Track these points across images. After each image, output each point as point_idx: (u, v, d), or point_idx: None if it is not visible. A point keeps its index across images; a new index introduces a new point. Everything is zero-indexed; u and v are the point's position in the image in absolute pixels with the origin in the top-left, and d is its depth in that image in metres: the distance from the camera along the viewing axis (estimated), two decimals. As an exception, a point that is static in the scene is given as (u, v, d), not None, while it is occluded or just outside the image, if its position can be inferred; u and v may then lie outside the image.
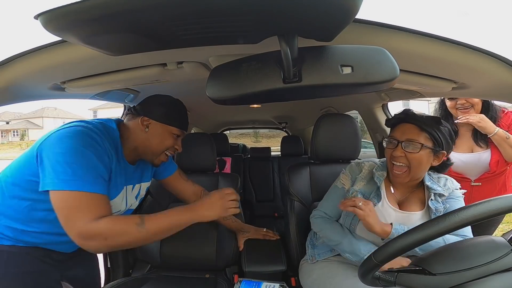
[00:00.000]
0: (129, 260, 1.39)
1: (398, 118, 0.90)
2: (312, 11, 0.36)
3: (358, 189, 0.96)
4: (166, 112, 0.92)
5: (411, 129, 0.85)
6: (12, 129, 30.67)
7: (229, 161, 2.62)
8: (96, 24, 0.38)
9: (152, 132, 0.92)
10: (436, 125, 0.84)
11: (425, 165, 0.86)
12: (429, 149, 0.84)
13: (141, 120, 0.91)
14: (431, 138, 0.83)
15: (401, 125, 0.88)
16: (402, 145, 0.85)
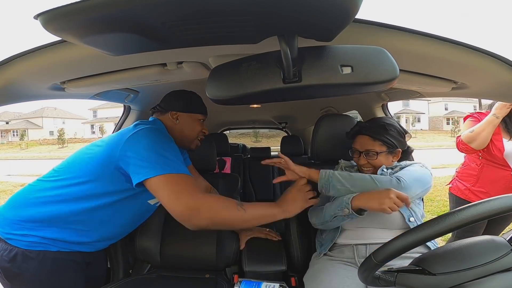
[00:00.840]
0: (129, 260, 1.39)
1: (355, 131, 1.07)
2: (312, 11, 0.36)
3: None
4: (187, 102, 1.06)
5: (366, 139, 1.02)
6: (12, 129, 30.68)
7: (229, 161, 2.62)
8: (96, 24, 0.38)
9: (182, 122, 1.06)
10: (385, 132, 1.00)
11: (387, 163, 1.02)
12: (385, 152, 1.01)
13: (171, 114, 1.04)
14: (384, 143, 1.00)
15: (358, 137, 1.05)
16: (363, 154, 1.02)
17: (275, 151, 3.33)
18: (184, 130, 1.07)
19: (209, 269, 1.29)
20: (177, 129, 1.06)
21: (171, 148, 0.88)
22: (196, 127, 1.09)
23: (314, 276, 0.99)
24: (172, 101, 1.07)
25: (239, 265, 1.24)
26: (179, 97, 1.07)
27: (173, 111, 1.05)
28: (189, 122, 1.07)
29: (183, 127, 1.06)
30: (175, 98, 1.07)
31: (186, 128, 1.07)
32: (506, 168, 1.47)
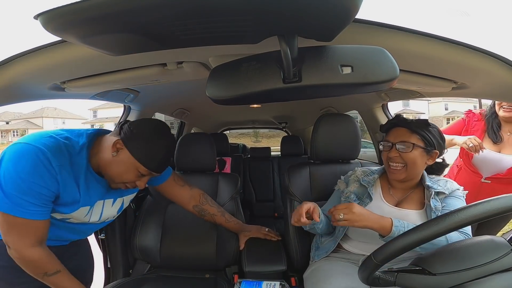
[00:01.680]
0: (129, 260, 1.39)
1: (391, 123, 0.97)
2: (312, 11, 0.36)
3: (352, 190, 1.02)
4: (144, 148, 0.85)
5: (403, 132, 0.92)
6: (12, 129, 30.67)
7: (229, 161, 2.62)
8: (96, 24, 0.38)
9: (118, 159, 0.85)
10: (425, 127, 0.91)
11: (420, 163, 0.91)
12: (421, 149, 0.90)
13: (115, 142, 0.84)
14: (421, 138, 0.90)
15: (394, 129, 0.95)
16: (396, 146, 0.91)
17: (275, 151, 3.33)
18: (112, 167, 0.86)
19: (209, 269, 1.29)
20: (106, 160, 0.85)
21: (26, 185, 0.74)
22: (127, 175, 0.86)
23: (314, 274, 0.99)
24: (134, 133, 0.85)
25: (239, 265, 1.24)
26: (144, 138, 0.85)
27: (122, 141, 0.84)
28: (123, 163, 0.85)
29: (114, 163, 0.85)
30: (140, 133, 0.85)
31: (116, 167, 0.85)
32: (476, 174, 1.46)
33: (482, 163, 1.41)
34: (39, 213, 0.78)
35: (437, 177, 1.00)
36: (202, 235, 1.30)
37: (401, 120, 0.95)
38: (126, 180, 0.88)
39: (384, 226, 0.82)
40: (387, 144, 0.94)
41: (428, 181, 0.95)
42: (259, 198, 2.72)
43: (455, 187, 0.94)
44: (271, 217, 2.62)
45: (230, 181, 1.41)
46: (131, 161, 0.84)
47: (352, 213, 0.83)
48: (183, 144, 1.42)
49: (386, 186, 1.01)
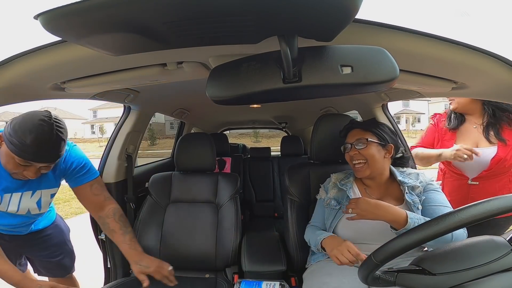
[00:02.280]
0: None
1: (347, 128, 1.08)
2: (312, 11, 0.36)
3: (332, 196, 1.08)
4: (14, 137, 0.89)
5: (357, 132, 1.03)
6: (12, 129, 30.56)
7: (229, 161, 2.62)
8: (96, 24, 0.38)
9: (2, 151, 0.96)
10: (376, 125, 1.03)
11: (379, 157, 0.99)
12: (376, 143, 0.99)
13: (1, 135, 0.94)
14: (374, 134, 1.00)
15: (350, 132, 1.06)
16: (354, 145, 1.01)
17: (275, 151, 3.33)
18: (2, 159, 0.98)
19: (209, 269, 1.29)
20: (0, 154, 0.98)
21: None
22: (8, 165, 0.96)
23: (313, 275, 0.99)
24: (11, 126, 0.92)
25: (239, 265, 1.24)
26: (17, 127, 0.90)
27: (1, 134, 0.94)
28: (4, 155, 0.95)
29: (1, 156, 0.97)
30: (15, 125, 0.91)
31: (3, 159, 0.97)
32: (462, 177, 1.38)
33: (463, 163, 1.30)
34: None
35: (408, 169, 1.06)
36: (202, 235, 1.30)
37: (354, 123, 1.07)
38: (11, 169, 0.96)
39: (397, 219, 0.83)
40: (347, 146, 1.04)
41: (399, 175, 1.01)
42: (259, 198, 2.72)
43: (428, 179, 1.00)
44: (271, 217, 2.62)
45: (230, 181, 1.41)
46: (8, 152, 0.92)
47: (360, 206, 0.86)
48: (183, 144, 1.42)
49: (362, 187, 1.06)
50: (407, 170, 1.06)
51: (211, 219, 1.34)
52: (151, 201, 1.38)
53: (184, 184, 1.42)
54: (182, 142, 1.43)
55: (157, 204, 1.38)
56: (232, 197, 1.37)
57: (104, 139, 24.55)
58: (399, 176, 1.01)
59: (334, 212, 1.04)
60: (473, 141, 1.34)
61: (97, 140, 26.11)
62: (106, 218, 1.19)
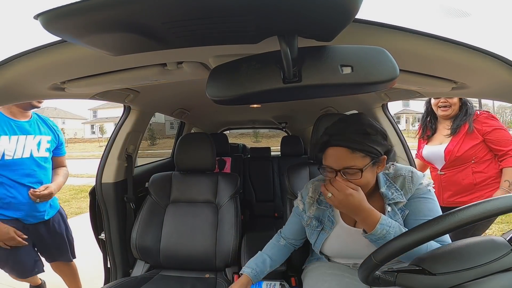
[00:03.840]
0: (128, 260, 1.40)
1: (323, 143, 0.80)
2: (312, 11, 0.36)
3: (312, 215, 0.94)
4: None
5: (342, 153, 0.76)
6: (12, 129, 30.57)
7: (229, 161, 2.62)
8: (96, 24, 0.38)
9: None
10: (366, 138, 0.75)
11: (371, 178, 0.80)
12: (369, 165, 0.76)
13: None
14: (367, 154, 0.75)
15: (330, 149, 0.78)
16: (341, 173, 0.76)
17: (275, 151, 3.33)
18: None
19: (209, 269, 1.29)
20: None
21: None
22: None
23: (312, 273, 0.99)
24: None
25: (239, 265, 1.24)
26: None
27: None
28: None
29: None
30: None
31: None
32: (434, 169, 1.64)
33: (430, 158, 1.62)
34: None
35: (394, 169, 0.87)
36: (202, 235, 1.30)
37: (335, 138, 0.77)
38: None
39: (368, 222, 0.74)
40: (329, 171, 0.79)
41: (383, 185, 0.84)
42: (259, 198, 2.72)
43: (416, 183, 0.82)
44: (271, 217, 2.62)
45: (230, 181, 1.41)
46: None
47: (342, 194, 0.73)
48: (183, 144, 1.42)
49: None
50: (393, 171, 0.87)
51: (211, 219, 1.34)
52: (151, 201, 1.38)
53: (184, 184, 1.42)
54: (182, 142, 1.43)
55: (157, 204, 1.38)
56: (232, 197, 1.37)
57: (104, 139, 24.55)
58: (382, 187, 0.84)
59: (317, 233, 0.93)
60: (439, 140, 1.60)
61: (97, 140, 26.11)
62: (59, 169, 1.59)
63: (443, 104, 1.54)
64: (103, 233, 1.40)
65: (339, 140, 0.76)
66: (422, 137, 1.67)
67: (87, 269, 1.96)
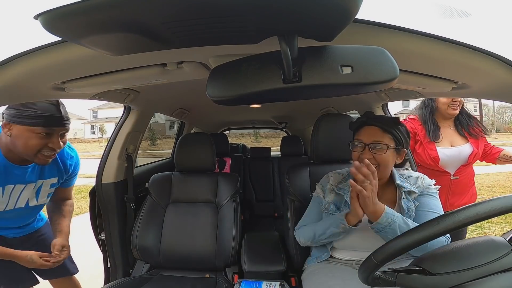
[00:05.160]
0: (129, 260, 1.40)
1: (361, 122, 0.94)
2: (312, 11, 0.36)
3: (330, 200, 1.00)
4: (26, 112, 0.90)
5: (375, 131, 0.90)
6: (12, 129, 30.58)
7: (229, 161, 2.62)
8: (96, 24, 0.38)
9: (14, 135, 0.93)
10: (396, 126, 0.91)
11: (391, 163, 0.91)
12: (393, 148, 0.90)
13: (2, 125, 0.93)
14: (393, 138, 0.90)
15: (365, 128, 0.92)
16: (369, 147, 0.88)
17: (275, 151, 3.33)
18: (16, 144, 0.94)
19: (209, 269, 1.29)
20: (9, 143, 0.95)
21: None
22: (31, 141, 0.93)
23: (313, 275, 0.99)
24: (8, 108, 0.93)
25: (239, 265, 1.24)
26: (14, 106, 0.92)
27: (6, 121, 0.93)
28: (20, 135, 0.93)
29: (14, 141, 0.94)
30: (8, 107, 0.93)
31: (18, 142, 0.93)
32: (444, 174, 1.51)
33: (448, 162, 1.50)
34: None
35: (408, 172, 0.99)
36: (202, 235, 1.30)
37: (372, 118, 0.92)
38: (35, 147, 0.94)
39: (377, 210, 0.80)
40: (359, 145, 0.91)
41: (398, 179, 0.94)
42: (259, 198, 2.72)
43: (427, 184, 0.94)
44: (271, 217, 2.62)
45: (230, 181, 1.41)
46: (25, 130, 0.92)
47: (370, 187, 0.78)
48: (183, 144, 1.42)
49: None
50: (406, 172, 1.00)
51: (211, 219, 1.34)
52: (151, 201, 1.38)
53: (184, 184, 1.42)
54: (182, 142, 1.43)
55: (157, 204, 1.38)
56: (232, 197, 1.37)
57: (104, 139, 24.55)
58: (397, 180, 0.94)
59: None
60: (448, 141, 1.53)
61: (97, 140, 26.11)
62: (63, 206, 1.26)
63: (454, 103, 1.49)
64: (103, 233, 1.40)
65: (375, 121, 0.91)
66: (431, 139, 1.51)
67: (87, 269, 1.96)
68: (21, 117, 0.91)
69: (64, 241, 1.18)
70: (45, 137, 0.95)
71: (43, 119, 0.93)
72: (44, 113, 0.93)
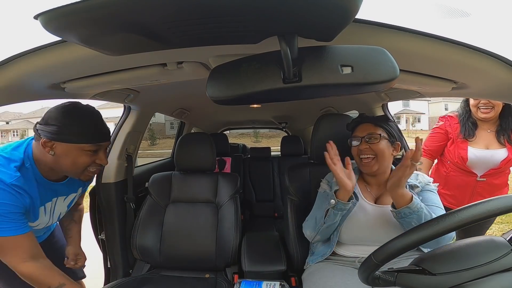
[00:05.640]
0: (129, 260, 1.40)
1: (356, 121, 1.06)
2: (312, 11, 0.36)
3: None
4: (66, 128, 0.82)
5: (368, 126, 1.01)
6: (12, 129, 30.66)
7: (229, 161, 2.62)
8: (96, 24, 0.38)
9: (59, 154, 0.85)
10: (387, 121, 1.02)
11: (388, 154, 0.98)
12: (387, 140, 0.98)
13: (42, 143, 0.83)
14: (385, 131, 0.99)
15: (359, 125, 1.03)
16: (365, 139, 0.99)
17: (275, 151, 3.33)
18: (63, 163, 0.86)
19: (209, 269, 1.29)
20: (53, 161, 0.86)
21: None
22: (79, 159, 0.86)
23: (313, 275, 0.99)
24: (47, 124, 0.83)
25: (239, 265, 1.24)
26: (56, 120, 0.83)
27: (46, 139, 0.82)
28: (67, 154, 0.85)
29: (59, 160, 0.85)
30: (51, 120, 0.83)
31: (65, 161, 0.85)
32: (471, 174, 1.50)
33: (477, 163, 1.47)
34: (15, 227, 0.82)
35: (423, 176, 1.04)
36: (202, 235, 1.30)
37: (365, 117, 1.05)
38: (83, 164, 0.88)
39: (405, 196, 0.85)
40: (356, 139, 1.01)
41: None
42: (259, 198, 2.72)
43: (426, 180, 1.01)
44: (271, 217, 2.62)
45: (230, 181, 1.41)
46: (72, 149, 0.84)
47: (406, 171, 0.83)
48: (183, 144, 1.42)
49: (362, 184, 1.06)
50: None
51: (211, 219, 1.34)
52: (151, 201, 1.38)
53: (184, 184, 1.42)
54: (182, 142, 1.43)
55: (157, 204, 1.38)
56: (232, 197, 1.37)
57: (104, 139, 24.42)
58: None
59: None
60: (484, 143, 1.48)
61: (97, 140, 26.01)
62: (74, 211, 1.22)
63: (485, 106, 1.41)
64: (103, 233, 1.40)
65: (368, 119, 1.04)
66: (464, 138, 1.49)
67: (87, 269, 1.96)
68: (66, 134, 0.83)
69: (76, 249, 1.17)
70: (93, 154, 0.89)
71: (91, 136, 0.86)
72: (91, 129, 0.87)
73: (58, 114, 0.84)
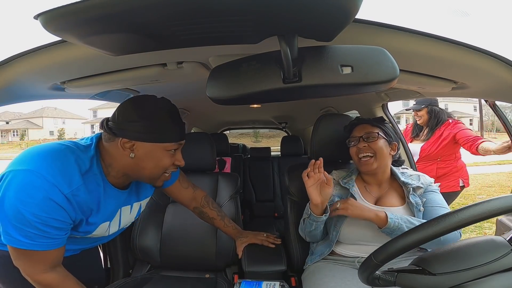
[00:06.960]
0: (129, 260, 1.39)
1: (353, 123, 1.08)
2: (312, 11, 0.36)
3: (335, 193, 1.06)
4: (150, 125, 0.72)
5: (365, 126, 1.03)
6: (12, 129, 30.70)
7: (229, 161, 2.62)
8: (96, 24, 0.38)
9: (140, 156, 0.74)
10: (383, 122, 1.05)
11: (386, 153, 1.00)
12: (384, 139, 1.00)
13: (121, 143, 0.72)
14: (382, 130, 1.01)
15: (356, 127, 1.05)
16: (363, 138, 1.00)
17: (275, 151, 3.33)
18: (143, 166, 0.75)
19: (209, 269, 1.29)
20: (131, 164, 0.75)
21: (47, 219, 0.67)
22: (162, 161, 0.77)
23: (313, 275, 0.99)
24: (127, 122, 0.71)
25: (239, 265, 1.24)
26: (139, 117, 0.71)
27: (126, 139, 0.71)
28: (150, 155, 0.74)
29: (140, 162, 0.74)
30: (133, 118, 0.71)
31: (146, 163, 0.75)
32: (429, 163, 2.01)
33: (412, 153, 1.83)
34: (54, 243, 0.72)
35: (408, 171, 1.07)
36: (202, 235, 1.30)
37: (361, 119, 1.08)
38: (165, 166, 0.78)
39: (380, 217, 0.88)
40: (354, 139, 1.03)
41: (401, 177, 1.02)
42: (259, 198, 2.72)
43: (428, 181, 1.02)
44: (271, 217, 2.62)
45: (230, 181, 1.41)
46: (153, 147, 0.74)
47: (348, 203, 0.92)
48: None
49: (362, 185, 1.06)
50: (407, 171, 1.07)
51: (211, 219, 1.33)
52: (151, 200, 1.38)
53: (184, 184, 1.42)
54: (182, 142, 1.43)
55: (157, 204, 1.38)
56: (232, 197, 1.37)
57: (104, 139, 24.45)
58: (401, 177, 1.01)
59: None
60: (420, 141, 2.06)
61: (97, 140, 26.05)
62: (202, 208, 1.16)
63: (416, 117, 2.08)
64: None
65: (364, 120, 1.05)
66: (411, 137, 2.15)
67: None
68: (152, 132, 0.72)
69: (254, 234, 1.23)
70: (173, 154, 0.79)
71: (175, 133, 0.76)
72: (176, 126, 0.77)
73: (139, 110, 0.72)
